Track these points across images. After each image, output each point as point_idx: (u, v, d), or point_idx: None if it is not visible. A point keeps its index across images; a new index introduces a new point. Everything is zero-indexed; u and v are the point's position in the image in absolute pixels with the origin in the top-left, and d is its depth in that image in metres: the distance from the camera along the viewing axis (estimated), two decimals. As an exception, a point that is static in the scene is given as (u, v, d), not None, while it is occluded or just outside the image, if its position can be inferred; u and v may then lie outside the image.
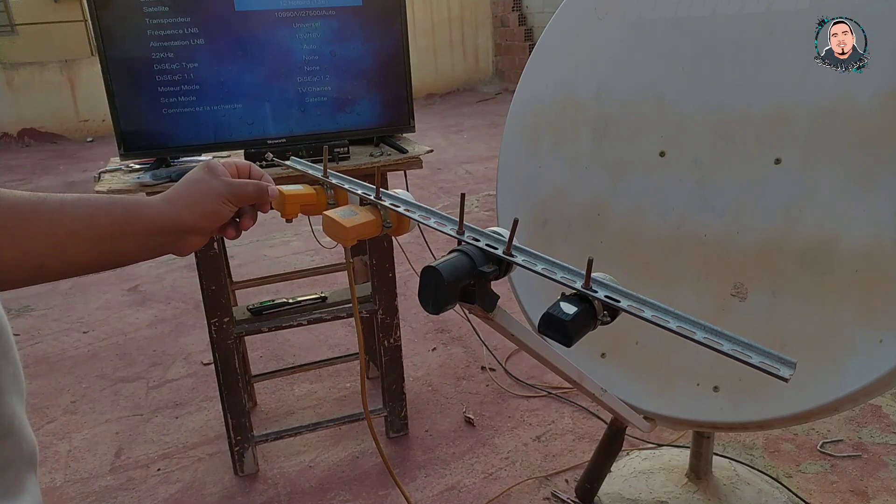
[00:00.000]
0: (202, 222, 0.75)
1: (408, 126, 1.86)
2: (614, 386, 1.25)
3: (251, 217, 0.82)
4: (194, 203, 0.75)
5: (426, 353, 2.60)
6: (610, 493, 1.65)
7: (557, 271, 0.68)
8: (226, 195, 0.76)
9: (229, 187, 0.77)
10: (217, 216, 0.76)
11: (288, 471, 1.96)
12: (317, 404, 2.31)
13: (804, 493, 1.70)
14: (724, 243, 1.18)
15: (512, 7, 9.92)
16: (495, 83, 10.46)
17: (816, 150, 1.08)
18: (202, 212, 0.75)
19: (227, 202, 0.77)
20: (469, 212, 4.26)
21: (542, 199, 1.47)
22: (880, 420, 1.99)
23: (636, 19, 1.31)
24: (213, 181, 0.76)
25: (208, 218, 0.76)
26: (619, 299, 0.63)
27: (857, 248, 1.03)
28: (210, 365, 2.51)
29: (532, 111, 1.50)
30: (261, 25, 1.66)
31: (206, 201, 0.76)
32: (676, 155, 1.26)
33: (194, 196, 0.76)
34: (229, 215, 0.78)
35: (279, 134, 1.74)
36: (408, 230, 0.90)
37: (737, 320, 1.15)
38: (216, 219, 0.77)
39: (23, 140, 8.26)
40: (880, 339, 1.00)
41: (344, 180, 0.92)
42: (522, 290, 1.48)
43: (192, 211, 0.75)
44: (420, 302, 0.71)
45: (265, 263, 3.71)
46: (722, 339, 0.58)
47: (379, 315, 1.92)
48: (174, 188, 0.77)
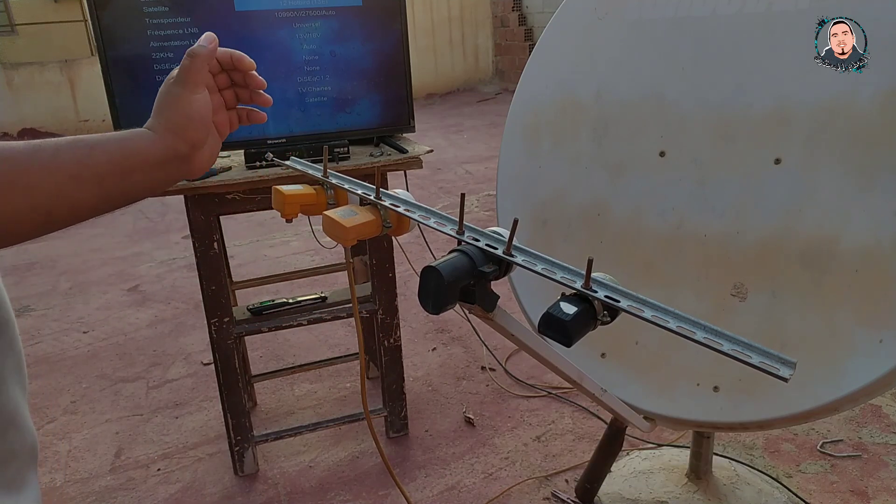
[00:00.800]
0: (193, 133, 0.71)
1: (408, 126, 1.86)
2: (614, 386, 1.25)
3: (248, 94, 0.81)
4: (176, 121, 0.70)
5: (426, 353, 2.60)
6: (610, 493, 1.65)
7: (557, 271, 0.68)
8: (190, 86, 0.71)
9: (185, 78, 0.71)
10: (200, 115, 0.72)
11: (288, 471, 1.96)
12: (317, 404, 2.31)
13: (804, 493, 1.70)
14: (724, 243, 1.18)
15: (512, 7, 9.92)
16: (495, 83, 10.46)
17: (816, 150, 1.08)
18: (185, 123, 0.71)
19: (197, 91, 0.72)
20: (469, 212, 4.26)
21: (542, 199, 1.47)
22: (880, 420, 1.99)
23: (636, 19, 1.31)
24: (173, 88, 0.71)
25: (194, 123, 0.71)
26: (619, 299, 0.63)
27: (857, 248, 1.03)
28: (210, 365, 2.51)
29: (532, 111, 1.50)
30: (261, 25, 1.66)
31: (182, 109, 0.71)
32: (676, 155, 1.26)
33: (169, 112, 0.71)
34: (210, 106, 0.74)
35: (279, 134, 1.74)
36: (408, 230, 0.90)
37: (737, 320, 1.15)
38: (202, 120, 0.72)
39: (23, 140, 8.25)
40: (880, 339, 1.00)
41: (344, 180, 0.92)
42: (522, 290, 1.48)
43: (179, 132, 0.70)
44: (420, 302, 0.71)
45: (265, 263, 3.71)
46: (722, 339, 0.58)
47: (379, 315, 1.92)
48: (154, 114, 0.72)
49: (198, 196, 1.68)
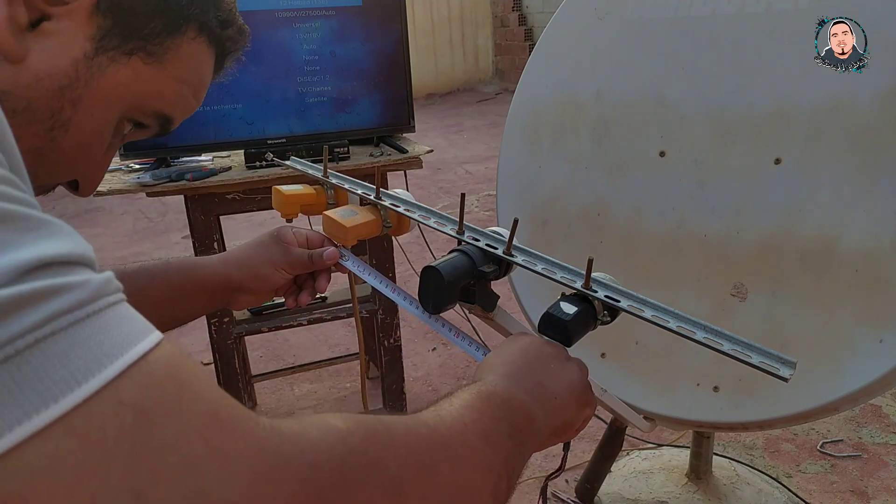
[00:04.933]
0: (251, 283, 0.79)
1: (408, 126, 1.86)
2: (614, 386, 1.25)
3: (309, 293, 0.85)
4: (247, 264, 0.79)
5: (426, 353, 2.60)
6: (610, 493, 1.65)
7: (557, 271, 0.68)
8: (281, 263, 0.79)
9: (286, 255, 0.80)
10: (267, 281, 0.79)
11: (288, 471, 1.96)
12: (317, 404, 2.31)
13: (804, 493, 1.70)
14: (724, 243, 1.18)
15: (512, 7, 9.92)
16: (495, 83, 10.46)
17: (816, 150, 1.08)
18: (253, 274, 0.78)
19: (280, 269, 0.80)
20: (469, 212, 4.26)
21: (542, 199, 1.46)
22: (880, 420, 1.99)
23: (636, 19, 1.31)
24: (272, 247, 0.80)
25: (258, 280, 0.79)
26: (619, 299, 0.63)
27: (857, 248, 1.03)
28: (210, 365, 2.51)
29: (532, 111, 1.50)
30: (261, 25, 1.66)
31: (260, 265, 0.79)
32: (676, 155, 1.26)
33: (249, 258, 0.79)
34: (281, 282, 0.81)
35: (279, 134, 1.74)
36: (408, 230, 0.90)
37: (737, 320, 1.15)
38: (266, 283, 0.80)
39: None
40: (880, 339, 1.00)
41: (344, 180, 0.92)
42: (522, 290, 1.48)
43: (242, 272, 0.78)
44: (420, 302, 0.71)
45: (265, 263, 3.71)
46: (722, 339, 0.58)
47: (379, 315, 1.92)
48: (238, 247, 0.81)
49: (198, 196, 1.68)
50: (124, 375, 0.32)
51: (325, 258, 0.82)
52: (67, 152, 0.54)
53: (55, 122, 0.51)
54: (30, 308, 0.30)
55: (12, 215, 0.32)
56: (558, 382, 0.61)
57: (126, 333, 0.34)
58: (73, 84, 0.50)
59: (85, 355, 0.31)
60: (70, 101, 0.51)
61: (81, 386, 0.30)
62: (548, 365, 0.62)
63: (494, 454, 0.49)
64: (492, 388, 0.55)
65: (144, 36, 0.54)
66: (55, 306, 0.31)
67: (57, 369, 0.30)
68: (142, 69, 0.55)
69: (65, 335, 0.31)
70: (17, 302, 0.29)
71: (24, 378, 0.29)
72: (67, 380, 0.30)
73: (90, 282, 0.33)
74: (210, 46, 0.61)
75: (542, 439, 0.58)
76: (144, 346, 0.34)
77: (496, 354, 0.64)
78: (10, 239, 0.31)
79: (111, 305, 0.34)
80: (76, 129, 0.53)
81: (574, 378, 0.63)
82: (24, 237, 0.31)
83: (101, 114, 0.54)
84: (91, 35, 0.51)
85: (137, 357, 0.33)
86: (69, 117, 0.52)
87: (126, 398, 0.31)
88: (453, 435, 0.47)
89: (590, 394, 0.64)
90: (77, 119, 0.52)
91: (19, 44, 0.47)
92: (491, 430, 0.50)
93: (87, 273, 0.34)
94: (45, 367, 0.29)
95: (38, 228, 0.32)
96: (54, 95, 0.50)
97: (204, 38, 0.60)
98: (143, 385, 0.32)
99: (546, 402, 0.58)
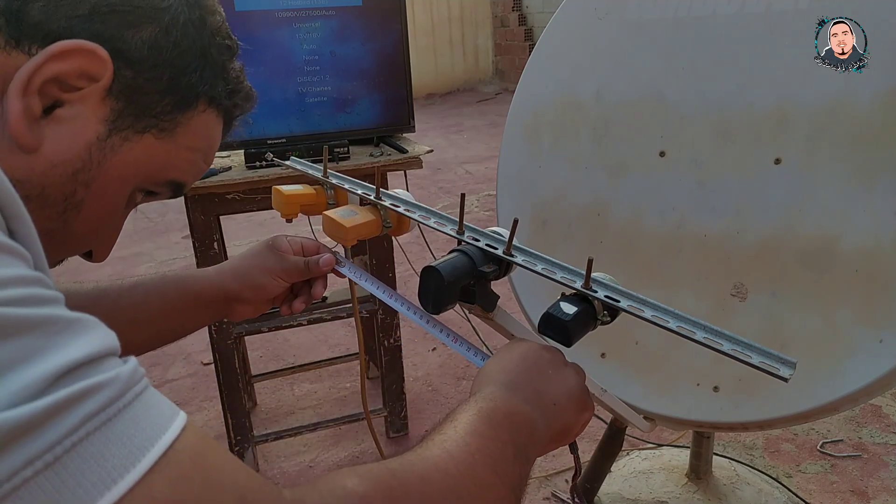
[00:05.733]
0: (247, 293, 0.78)
1: (408, 126, 1.86)
2: (614, 386, 1.25)
3: (304, 301, 0.84)
4: (243, 275, 0.79)
5: (426, 353, 2.60)
6: (610, 493, 1.65)
7: (557, 271, 0.68)
8: (277, 271, 0.79)
9: (282, 263, 0.80)
10: (264, 290, 0.79)
11: (288, 471, 1.96)
12: (317, 404, 2.31)
13: (804, 493, 1.70)
14: (724, 243, 1.18)
15: (512, 7, 9.92)
16: (495, 83, 10.45)
17: (816, 150, 1.08)
18: (249, 283, 0.78)
19: (276, 277, 0.79)
20: (469, 212, 4.26)
21: (542, 199, 1.46)
22: (880, 420, 1.99)
23: (636, 19, 1.31)
24: (268, 256, 0.80)
25: (254, 290, 0.79)
26: (619, 299, 0.63)
27: (857, 248, 1.03)
28: (210, 365, 2.51)
29: (532, 111, 1.50)
30: (261, 25, 1.66)
31: (255, 273, 0.79)
32: (676, 155, 1.26)
33: (246, 268, 0.79)
34: (278, 290, 0.81)
35: (279, 134, 1.74)
36: (408, 230, 0.90)
37: (737, 320, 1.15)
38: (263, 292, 0.79)
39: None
40: (880, 339, 1.00)
41: (344, 180, 0.92)
42: (522, 290, 1.48)
43: (239, 282, 0.78)
44: (420, 302, 0.71)
45: (265, 263, 3.71)
46: (722, 339, 0.58)
47: (379, 315, 1.92)
48: (233, 258, 0.81)
49: (198, 196, 1.68)
50: (155, 470, 0.33)
51: (322, 265, 0.81)
52: (80, 231, 0.54)
53: (68, 204, 0.51)
54: (64, 413, 0.31)
55: (42, 321, 0.33)
56: (557, 388, 0.62)
57: (154, 422, 0.35)
58: (86, 167, 0.50)
59: (118, 452, 0.33)
60: (83, 182, 0.51)
61: (118, 484, 0.32)
62: (546, 371, 0.63)
63: (503, 484, 0.51)
64: (493, 405, 0.56)
65: (156, 114, 0.54)
66: (88, 408, 0.32)
67: (94, 470, 0.31)
68: (154, 144, 0.55)
69: (99, 435, 0.32)
70: (52, 410, 0.31)
71: (63, 484, 0.30)
72: (105, 479, 0.32)
73: (118, 377, 0.35)
74: (219, 115, 0.61)
75: (542, 446, 0.60)
76: (171, 434, 0.35)
77: (495, 361, 0.64)
78: (40, 346, 0.32)
79: (138, 396, 0.36)
80: (88, 209, 0.53)
81: (572, 383, 0.64)
82: (53, 342, 0.33)
83: (114, 191, 0.54)
84: (104, 118, 0.51)
85: (166, 447, 0.35)
86: (82, 198, 0.52)
87: (158, 494, 0.33)
88: (464, 473, 0.49)
89: (588, 398, 0.65)
90: (90, 199, 0.52)
91: (34, 133, 0.47)
92: (498, 457, 0.52)
93: (115, 365, 0.35)
94: (82, 470, 0.31)
95: (66, 330, 0.34)
96: (68, 180, 0.50)
97: (213, 109, 0.60)
98: (172, 479, 0.34)
99: (546, 410, 0.60)
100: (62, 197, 0.50)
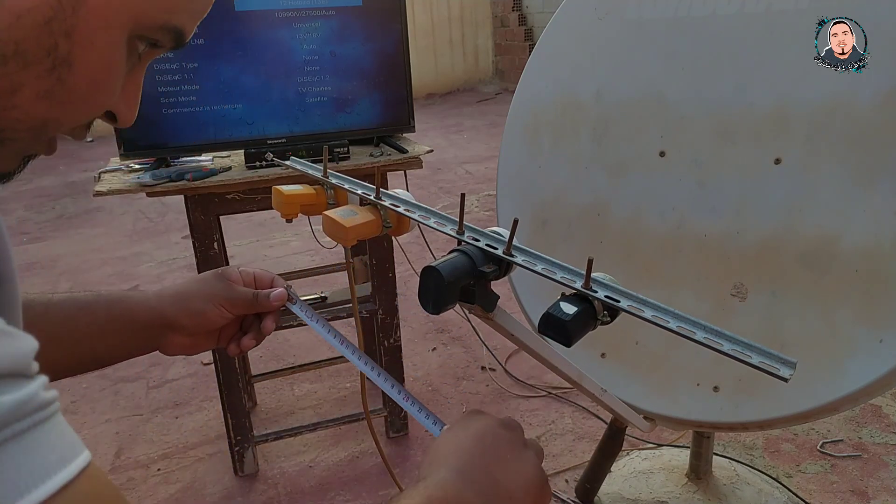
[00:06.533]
0: (185, 320, 0.71)
1: (408, 126, 1.86)
2: (614, 386, 1.25)
3: (254, 337, 0.76)
4: (183, 300, 0.71)
5: (426, 353, 2.60)
6: (610, 493, 1.65)
7: (557, 271, 0.68)
8: (221, 299, 0.72)
9: (227, 291, 0.73)
10: (204, 318, 0.71)
11: (288, 471, 1.96)
12: (317, 404, 2.31)
13: (804, 493, 1.70)
14: (724, 243, 1.18)
15: (512, 7, 9.92)
16: (495, 83, 10.45)
17: (816, 150, 1.08)
18: (188, 309, 0.70)
19: (220, 306, 0.72)
20: (469, 212, 4.26)
21: (542, 199, 1.46)
22: (880, 420, 1.99)
23: (636, 19, 1.31)
24: (214, 283, 0.73)
25: (193, 317, 0.71)
26: (619, 299, 0.63)
27: (857, 248, 1.03)
28: (210, 365, 2.51)
29: (532, 111, 1.50)
30: (261, 25, 1.66)
31: (197, 299, 0.71)
32: (676, 155, 1.26)
33: (186, 293, 0.72)
34: (220, 320, 0.73)
35: (279, 134, 1.74)
36: (408, 230, 0.90)
37: (737, 320, 1.15)
38: (203, 320, 0.72)
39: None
40: (880, 339, 1.00)
41: (344, 180, 0.92)
42: (522, 290, 1.48)
43: (177, 307, 0.70)
44: (420, 302, 0.71)
45: (265, 263, 3.71)
46: (722, 339, 0.58)
47: (379, 315, 1.92)
48: (175, 283, 0.74)
49: (198, 196, 1.68)
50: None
51: (272, 299, 0.75)
52: (83, 88, 0.48)
53: (55, 60, 0.46)
54: None
55: None
56: (514, 478, 0.58)
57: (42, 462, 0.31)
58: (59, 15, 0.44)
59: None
60: (62, 33, 0.45)
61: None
62: (504, 455, 0.59)
63: None
64: (443, 494, 0.53)
65: None
66: None
67: None
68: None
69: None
70: None
71: None
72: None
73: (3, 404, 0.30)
74: None
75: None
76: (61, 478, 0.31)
77: (451, 437, 0.60)
78: None
79: (30, 429, 0.31)
80: (81, 63, 0.47)
81: (530, 471, 0.60)
82: None
83: (105, 40, 0.48)
84: None
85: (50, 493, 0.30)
86: (68, 51, 0.46)
87: None
88: None
89: (546, 488, 0.61)
90: (78, 52, 0.46)
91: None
92: None
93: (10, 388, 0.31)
94: None
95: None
96: (43, 31, 0.44)
97: None
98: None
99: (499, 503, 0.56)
100: (44, 52, 0.45)
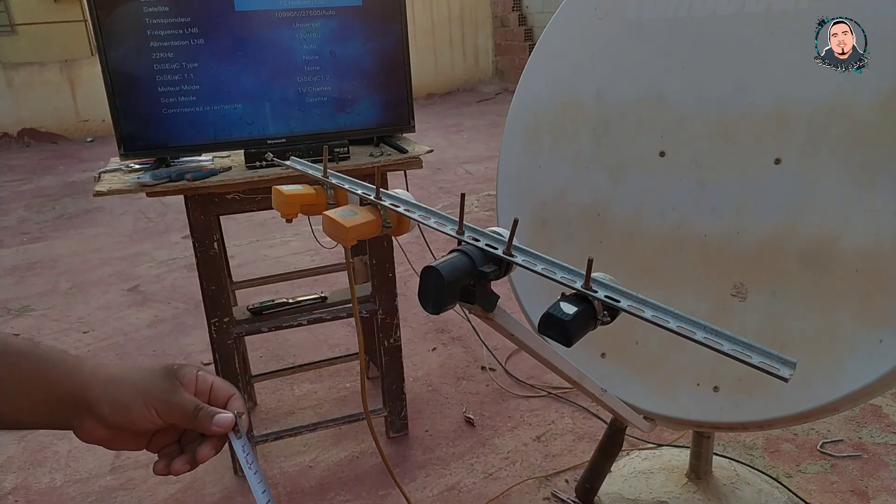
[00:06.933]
0: (107, 409, 0.60)
1: (408, 126, 1.86)
2: (614, 386, 1.25)
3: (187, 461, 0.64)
4: (113, 385, 0.61)
5: (426, 353, 2.60)
6: (610, 493, 1.65)
7: (557, 271, 0.68)
8: (155, 399, 0.61)
9: (166, 393, 0.62)
10: (127, 414, 0.61)
11: (288, 471, 1.96)
12: (317, 404, 2.31)
13: (804, 493, 1.70)
14: (724, 243, 1.18)
15: (512, 7, 9.92)
16: (495, 83, 10.45)
17: (816, 150, 1.08)
18: (113, 399, 0.60)
19: (150, 407, 0.61)
20: (469, 212, 4.26)
21: (542, 199, 1.47)
22: (880, 420, 1.99)
23: (636, 19, 1.31)
24: (157, 379, 0.62)
25: (115, 409, 0.60)
26: (619, 299, 0.63)
27: (857, 248, 1.03)
28: (210, 365, 2.51)
29: (532, 111, 1.50)
30: (261, 25, 1.66)
31: (127, 391, 0.61)
32: (676, 155, 1.26)
33: (121, 379, 0.62)
34: (146, 424, 0.62)
35: (279, 134, 1.74)
36: (408, 230, 0.90)
37: (737, 320, 1.15)
38: (125, 417, 0.61)
39: (23, 140, 8.26)
40: (880, 339, 1.00)
41: (344, 180, 0.92)
42: (522, 290, 1.48)
43: (103, 391, 0.60)
44: (420, 302, 0.71)
45: (265, 263, 3.71)
46: (722, 339, 0.58)
47: (379, 315, 1.92)
48: (123, 364, 0.64)
49: (198, 196, 1.68)
50: None
51: (215, 423, 0.62)
52: None
53: None
54: None
55: None
56: None
57: None
58: None
59: None
60: None
61: None
62: None
63: None
64: None
65: None
66: None
67: None
68: None
69: None
70: None
71: None
72: None
73: None
74: None
75: None
76: None
77: None
78: None
79: None
80: None
81: None
82: None
83: None
84: None
85: None
86: None
87: None
88: None
89: None
90: None
91: None
92: None
93: None
94: None
95: None
96: None
97: None
98: None
99: None
100: None
